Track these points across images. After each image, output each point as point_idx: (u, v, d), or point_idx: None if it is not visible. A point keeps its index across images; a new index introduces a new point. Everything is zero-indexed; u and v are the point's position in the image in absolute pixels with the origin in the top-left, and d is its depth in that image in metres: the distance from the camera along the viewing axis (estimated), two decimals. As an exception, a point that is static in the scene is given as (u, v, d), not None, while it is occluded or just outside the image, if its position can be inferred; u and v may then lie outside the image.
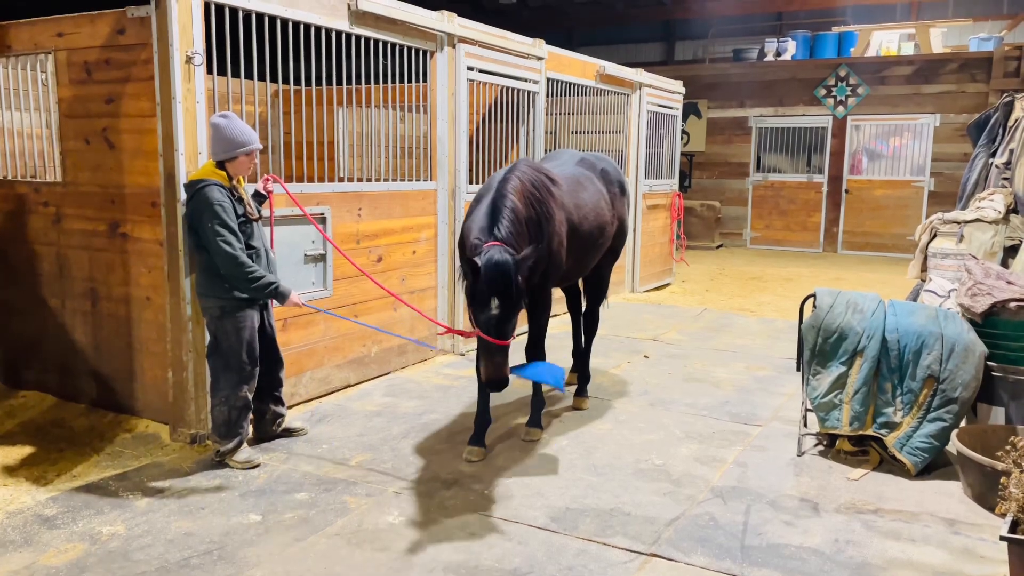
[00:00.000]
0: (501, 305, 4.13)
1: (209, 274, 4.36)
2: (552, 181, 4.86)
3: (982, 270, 5.05)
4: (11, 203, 5.51)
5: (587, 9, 19.02)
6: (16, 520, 3.82)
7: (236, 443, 4.48)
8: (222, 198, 4.24)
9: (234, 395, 4.43)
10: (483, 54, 6.97)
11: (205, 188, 4.24)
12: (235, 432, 4.47)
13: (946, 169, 14.21)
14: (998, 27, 16.01)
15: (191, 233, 4.41)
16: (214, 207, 4.20)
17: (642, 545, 3.67)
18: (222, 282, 4.33)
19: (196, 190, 4.27)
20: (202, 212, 4.22)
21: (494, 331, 4.16)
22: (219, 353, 4.43)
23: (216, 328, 4.41)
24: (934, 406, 4.52)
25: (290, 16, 5.12)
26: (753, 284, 11.36)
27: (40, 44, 5.15)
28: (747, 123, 15.98)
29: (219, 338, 4.42)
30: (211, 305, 4.38)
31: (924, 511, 4.07)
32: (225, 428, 4.46)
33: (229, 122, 4.34)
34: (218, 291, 4.35)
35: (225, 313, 4.38)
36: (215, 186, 4.26)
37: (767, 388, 6.17)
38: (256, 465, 4.49)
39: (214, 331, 4.43)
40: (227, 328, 4.39)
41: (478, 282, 4.14)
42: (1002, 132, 8.21)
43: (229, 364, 4.42)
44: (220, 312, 4.37)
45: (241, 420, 4.48)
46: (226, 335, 4.40)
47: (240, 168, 4.41)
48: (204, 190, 4.24)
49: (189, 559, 3.49)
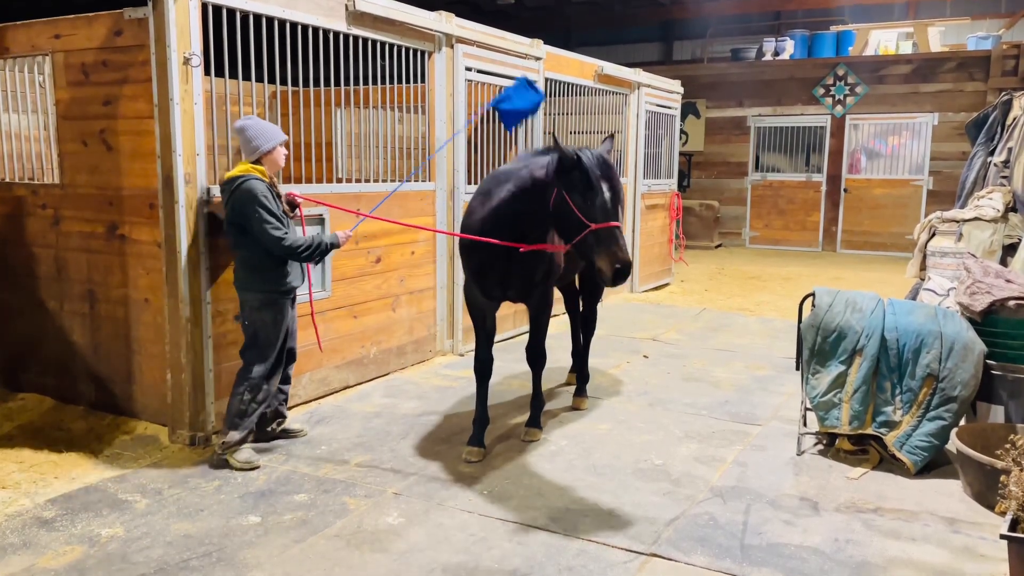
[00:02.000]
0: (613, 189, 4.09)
1: (249, 268, 4.46)
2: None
3: (981, 268, 5.04)
4: (9, 205, 5.51)
5: (585, 9, 19.02)
6: (15, 522, 3.82)
7: (242, 437, 4.48)
8: (265, 190, 4.36)
9: (259, 387, 4.51)
10: (481, 54, 6.97)
11: (247, 182, 4.33)
12: (245, 426, 4.49)
13: (945, 168, 14.21)
14: (996, 26, 16.01)
15: (232, 228, 4.44)
16: (259, 197, 4.30)
17: (642, 545, 3.66)
18: (263, 275, 4.46)
19: (237, 185, 4.34)
20: (246, 204, 4.30)
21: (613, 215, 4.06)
22: (257, 345, 4.52)
23: (255, 319, 4.49)
24: (933, 405, 4.52)
25: (288, 17, 5.12)
26: (752, 283, 11.36)
27: (37, 46, 5.14)
28: (745, 122, 15.98)
29: (258, 329, 4.50)
30: (251, 298, 4.48)
31: (924, 510, 4.06)
32: (238, 419, 4.48)
33: (256, 121, 4.52)
34: (259, 284, 4.47)
35: (264, 305, 4.48)
36: (256, 180, 4.37)
37: (766, 387, 6.16)
38: (256, 467, 4.48)
39: (253, 322, 4.50)
40: (266, 319, 4.49)
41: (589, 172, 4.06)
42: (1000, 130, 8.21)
43: (265, 355, 4.52)
44: (260, 304, 4.48)
45: (253, 415, 4.53)
46: (265, 326, 4.50)
47: (277, 161, 4.55)
48: (246, 184, 4.33)
49: (188, 561, 3.48)
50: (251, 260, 4.45)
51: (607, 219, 4.04)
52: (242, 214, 4.33)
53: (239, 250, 4.48)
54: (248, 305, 4.51)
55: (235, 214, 4.38)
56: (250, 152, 4.45)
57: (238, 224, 4.39)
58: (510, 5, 17.78)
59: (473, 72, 6.92)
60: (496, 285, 4.65)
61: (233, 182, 4.38)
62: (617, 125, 9.80)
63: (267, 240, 4.32)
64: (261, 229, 4.30)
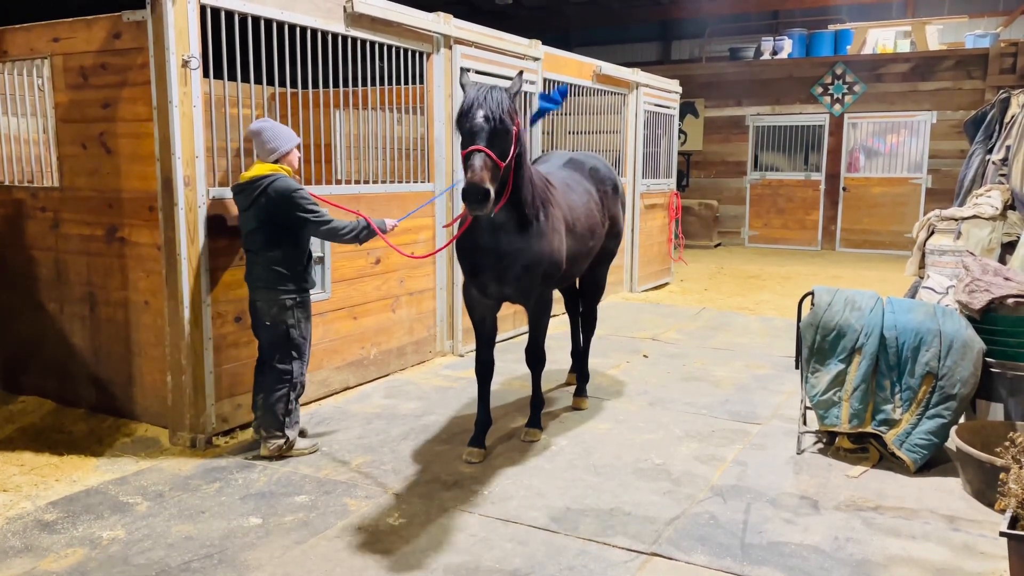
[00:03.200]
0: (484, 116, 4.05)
1: (280, 268, 4.47)
2: (549, 182, 4.87)
3: (980, 266, 5.05)
4: (9, 209, 5.51)
5: (583, 9, 19.03)
6: (16, 525, 3.82)
7: (299, 430, 4.68)
8: (299, 185, 4.42)
9: (298, 381, 4.61)
10: (479, 55, 6.97)
11: (278, 180, 4.36)
12: (295, 419, 4.63)
13: (943, 166, 14.22)
14: (994, 24, 16.03)
15: (264, 228, 4.41)
16: (298, 191, 4.37)
17: (642, 544, 3.67)
18: (294, 273, 4.50)
19: (268, 184, 4.34)
20: (283, 200, 4.34)
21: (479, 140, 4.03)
22: (292, 344, 4.55)
23: (288, 318, 4.51)
24: (933, 403, 4.53)
25: (286, 19, 5.12)
26: (751, 283, 11.36)
27: (36, 49, 5.14)
28: (744, 122, 15.99)
29: (291, 328, 4.53)
30: (283, 298, 4.49)
31: (924, 508, 4.07)
32: (287, 418, 4.58)
33: (272, 123, 4.53)
34: (290, 283, 4.50)
35: (297, 304, 4.55)
36: (287, 177, 4.42)
37: (766, 386, 6.17)
38: (317, 449, 4.75)
39: (284, 321, 4.51)
40: (300, 316, 4.57)
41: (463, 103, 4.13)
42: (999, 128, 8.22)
43: (302, 351, 4.62)
44: (293, 302, 4.52)
45: (297, 407, 4.66)
46: (298, 324, 4.56)
47: (292, 163, 4.57)
48: (278, 182, 4.35)
49: (190, 563, 3.49)
50: (283, 259, 4.46)
51: (471, 144, 4.05)
52: (280, 210, 4.34)
53: (271, 250, 4.44)
54: (277, 305, 4.49)
55: (270, 212, 4.36)
56: (268, 154, 4.46)
57: (273, 223, 4.38)
58: (508, 5, 17.79)
59: (471, 73, 6.91)
60: (491, 282, 4.61)
61: (259, 182, 4.36)
62: (616, 125, 9.81)
63: (313, 227, 4.40)
64: (305, 219, 4.36)
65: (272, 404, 4.55)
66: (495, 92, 4.15)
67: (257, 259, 4.49)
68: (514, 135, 4.18)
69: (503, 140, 4.10)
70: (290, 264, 4.49)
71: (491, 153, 4.02)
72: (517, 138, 4.23)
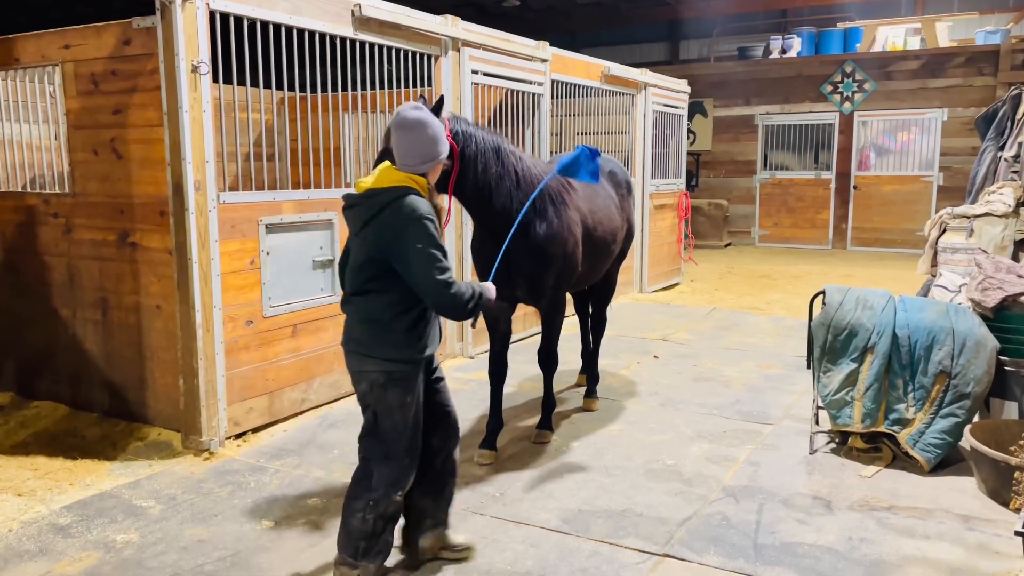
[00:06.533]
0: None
1: (378, 323, 3.20)
2: (568, 183, 4.82)
3: (992, 264, 5.02)
4: (21, 215, 5.55)
5: (591, 10, 19.02)
6: (31, 529, 3.85)
7: (379, 565, 3.28)
8: (431, 212, 3.16)
9: (387, 498, 3.24)
10: (487, 57, 6.98)
11: (410, 196, 3.14)
12: (379, 549, 3.27)
13: (955, 163, 14.14)
14: (1004, 20, 15.93)
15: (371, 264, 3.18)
16: (425, 223, 3.10)
17: (655, 546, 3.66)
18: (394, 335, 3.19)
19: (396, 198, 3.13)
20: (406, 227, 3.09)
21: None
22: (378, 437, 3.26)
23: (376, 401, 3.24)
24: (946, 402, 4.50)
25: (295, 24, 5.14)
26: (762, 282, 11.32)
27: (47, 56, 5.18)
28: (753, 121, 15.94)
29: (379, 415, 3.25)
30: (374, 369, 3.21)
31: (938, 507, 4.04)
32: (366, 544, 3.22)
33: (433, 116, 3.36)
34: (387, 349, 3.20)
35: (391, 380, 3.21)
36: (420, 197, 3.18)
37: (778, 386, 6.15)
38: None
39: (373, 404, 3.26)
40: (391, 402, 3.23)
41: None
42: (1010, 125, 8.16)
43: (390, 453, 3.25)
44: (385, 379, 3.21)
45: (387, 533, 3.29)
46: (389, 411, 3.24)
47: (431, 179, 3.36)
48: (409, 199, 3.13)
49: (203, 566, 3.50)
50: (384, 311, 3.19)
51: None
52: (397, 243, 3.10)
53: (373, 294, 3.20)
54: (366, 378, 3.24)
55: (387, 241, 3.12)
56: (418, 157, 3.24)
57: (380, 260, 3.16)
58: (515, 7, 17.81)
59: (480, 75, 6.93)
60: (504, 284, 4.60)
61: (390, 193, 3.14)
62: (624, 126, 9.80)
63: (428, 284, 3.11)
64: (424, 271, 3.09)
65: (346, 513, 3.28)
66: None
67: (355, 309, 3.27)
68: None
69: None
70: (393, 318, 3.19)
71: None
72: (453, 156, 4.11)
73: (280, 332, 5.22)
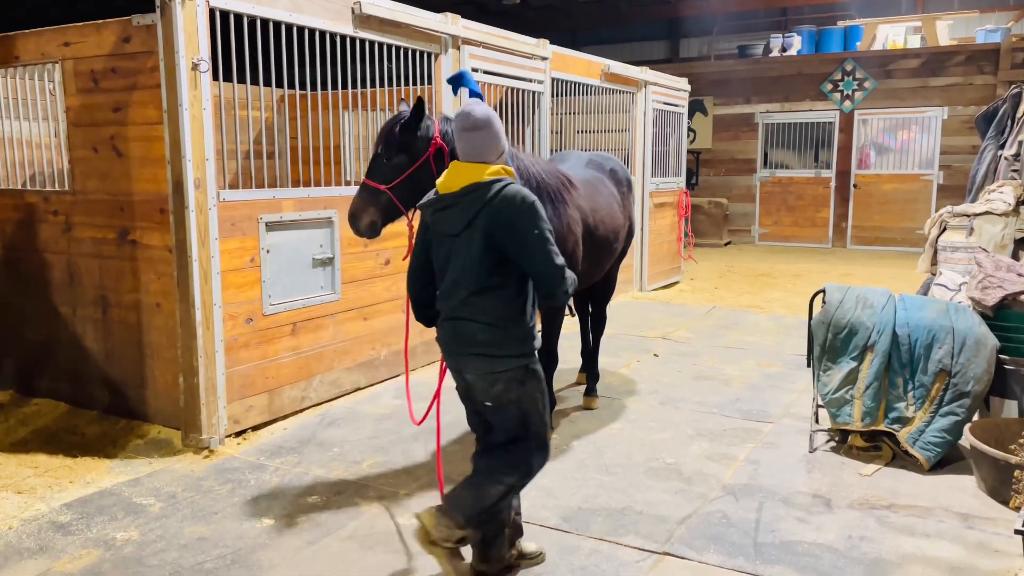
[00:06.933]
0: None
1: (507, 322, 3.13)
2: (569, 182, 4.83)
3: (992, 263, 5.02)
4: (21, 212, 5.55)
5: (591, 8, 19.01)
6: (31, 527, 3.85)
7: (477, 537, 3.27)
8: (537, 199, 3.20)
9: (524, 483, 3.25)
10: (487, 55, 6.97)
11: (515, 184, 3.15)
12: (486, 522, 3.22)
13: (955, 162, 14.13)
14: (1005, 18, 15.93)
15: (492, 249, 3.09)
16: (538, 207, 3.11)
17: (654, 544, 3.66)
18: (522, 329, 3.15)
19: (501, 188, 3.10)
20: (520, 215, 3.07)
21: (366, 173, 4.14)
22: (532, 434, 3.20)
23: (520, 397, 3.15)
24: (946, 400, 4.50)
25: (295, 21, 5.14)
26: (762, 281, 11.33)
27: (47, 53, 5.18)
28: (753, 119, 15.94)
29: (529, 412, 3.18)
30: (509, 367, 3.12)
31: (938, 506, 4.05)
32: (480, 516, 3.16)
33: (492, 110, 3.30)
34: (517, 344, 3.14)
35: (528, 373, 3.15)
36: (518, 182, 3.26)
37: (778, 385, 6.15)
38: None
39: (516, 401, 3.15)
40: (533, 393, 3.17)
41: None
42: (1011, 124, 8.16)
43: (544, 444, 3.25)
44: (523, 373, 3.14)
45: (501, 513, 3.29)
46: (534, 402, 3.18)
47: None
48: (516, 187, 3.13)
49: (203, 564, 3.50)
50: (510, 306, 3.13)
51: None
52: (512, 230, 3.06)
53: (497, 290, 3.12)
54: (502, 378, 3.12)
55: (503, 227, 3.07)
56: (495, 152, 3.22)
57: (496, 250, 3.09)
58: (515, 5, 17.79)
59: (480, 73, 6.92)
60: None
61: (485, 187, 3.11)
62: (625, 124, 9.79)
63: (547, 268, 3.07)
64: (544, 253, 3.06)
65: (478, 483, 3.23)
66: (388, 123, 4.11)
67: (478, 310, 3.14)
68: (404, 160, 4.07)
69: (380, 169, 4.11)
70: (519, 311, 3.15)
71: (369, 182, 4.12)
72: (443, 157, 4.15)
73: (280, 330, 5.22)
